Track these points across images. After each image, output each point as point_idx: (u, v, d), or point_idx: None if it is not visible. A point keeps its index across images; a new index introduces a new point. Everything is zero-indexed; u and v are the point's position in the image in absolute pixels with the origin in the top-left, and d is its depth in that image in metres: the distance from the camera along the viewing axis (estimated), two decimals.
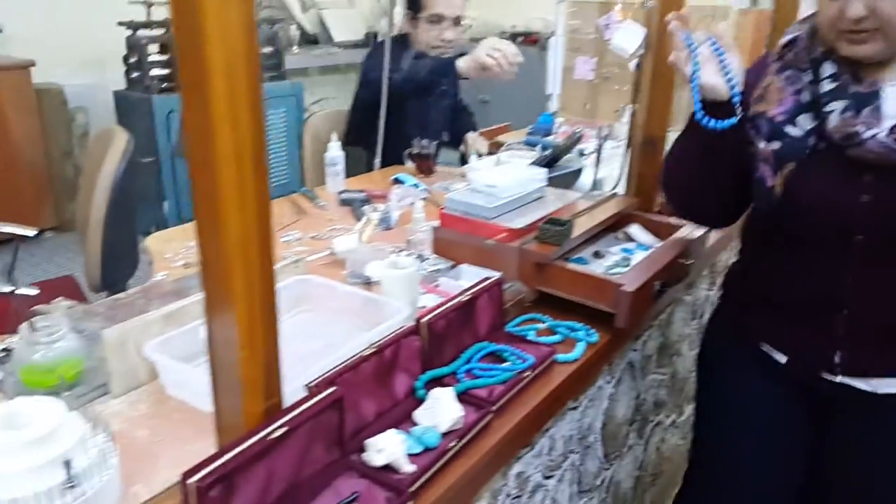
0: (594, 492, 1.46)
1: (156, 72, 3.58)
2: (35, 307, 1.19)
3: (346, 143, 2.10)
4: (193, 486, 0.67)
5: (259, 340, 0.74)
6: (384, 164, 2.24)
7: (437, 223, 1.42)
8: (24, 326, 0.95)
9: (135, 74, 3.63)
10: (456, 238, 1.35)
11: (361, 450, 0.88)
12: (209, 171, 0.65)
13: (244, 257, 0.69)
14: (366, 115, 2.21)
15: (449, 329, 1.05)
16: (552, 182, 1.51)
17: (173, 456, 0.87)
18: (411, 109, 2.19)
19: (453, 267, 1.36)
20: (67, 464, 0.74)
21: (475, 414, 0.96)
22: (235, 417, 0.76)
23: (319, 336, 1.16)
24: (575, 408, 1.25)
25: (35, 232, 2.09)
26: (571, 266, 1.25)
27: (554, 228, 1.27)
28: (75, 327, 0.99)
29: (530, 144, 1.91)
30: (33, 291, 1.63)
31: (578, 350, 1.14)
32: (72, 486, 0.74)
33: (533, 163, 1.69)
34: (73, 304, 1.21)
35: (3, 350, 1.05)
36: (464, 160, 2.45)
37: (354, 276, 1.37)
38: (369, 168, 2.25)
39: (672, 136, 1.45)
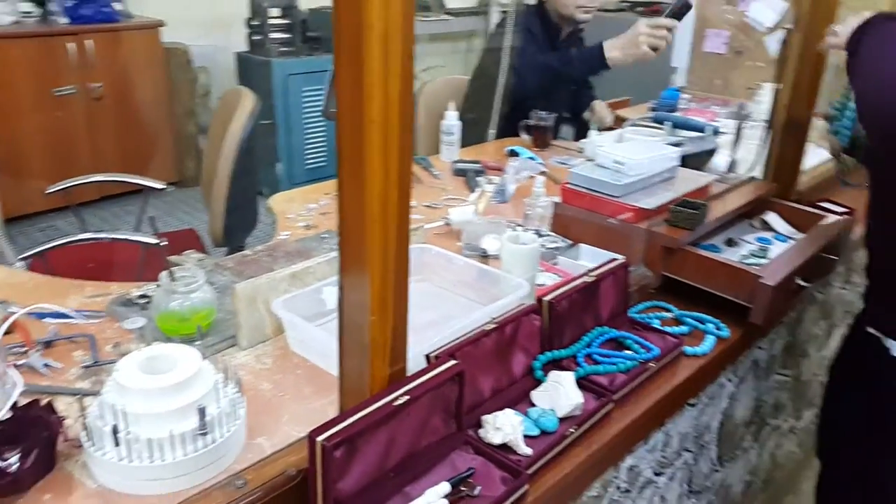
0: (703, 494, 1.41)
1: (276, 35, 3.70)
2: (169, 257, 1.26)
3: (463, 112, 2.09)
4: (320, 445, 0.68)
5: (390, 305, 0.74)
6: (498, 136, 2.21)
7: (556, 199, 1.38)
8: (163, 275, 1.00)
9: (256, 37, 3.76)
10: (578, 215, 1.31)
11: (478, 425, 0.87)
12: (358, 135, 0.65)
13: (383, 222, 0.69)
14: (486, 86, 2.19)
15: (571, 310, 1.02)
16: (683, 162, 1.44)
17: (295, 412, 0.90)
18: (535, 83, 2.14)
19: (572, 246, 1.33)
20: (202, 411, 0.77)
21: (595, 402, 0.94)
22: (360, 380, 0.77)
23: (435, 306, 1.16)
24: (694, 404, 1.20)
25: (164, 185, 2.23)
26: (704, 252, 1.19)
27: (687, 211, 1.20)
28: (207, 279, 1.04)
29: (657, 121, 1.82)
30: (162, 242, 1.74)
31: (708, 344, 1.09)
32: (203, 433, 0.78)
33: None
34: (203, 256, 1.28)
35: (142, 297, 1.12)
36: (580, 135, 2.38)
37: (470, 248, 1.36)
38: (483, 139, 2.22)
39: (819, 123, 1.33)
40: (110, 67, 3.60)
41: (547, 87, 2.12)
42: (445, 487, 0.77)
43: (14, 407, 0.82)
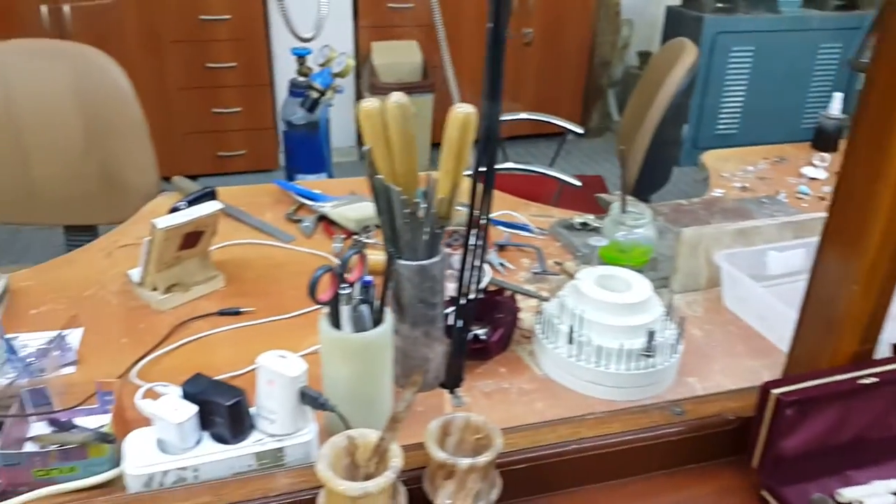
0: None
1: None
2: (598, 195, 1.37)
3: None
4: (775, 397, 0.70)
5: (878, 281, 0.71)
6: None
7: None
8: (615, 206, 1.10)
9: None
10: None
11: None
12: (890, 101, 0.62)
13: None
14: None
15: None
16: None
17: (727, 364, 0.92)
18: None
19: None
20: (651, 334, 0.85)
21: None
22: (819, 351, 0.76)
23: None
24: None
25: (583, 130, 2.39)
26: None
27: None
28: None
29: None
30: (576, 182, 1.88)
31: None
32: (648, 355, 0.85)
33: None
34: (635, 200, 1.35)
35: (583, 224, 1.25)
36: None
37: None
38: None
39: None
40: (545, 14, 3.91)
41: None
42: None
43: (484, 291, 1.00)
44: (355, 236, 1.23)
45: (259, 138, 3.66)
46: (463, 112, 0.77)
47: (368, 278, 0.77)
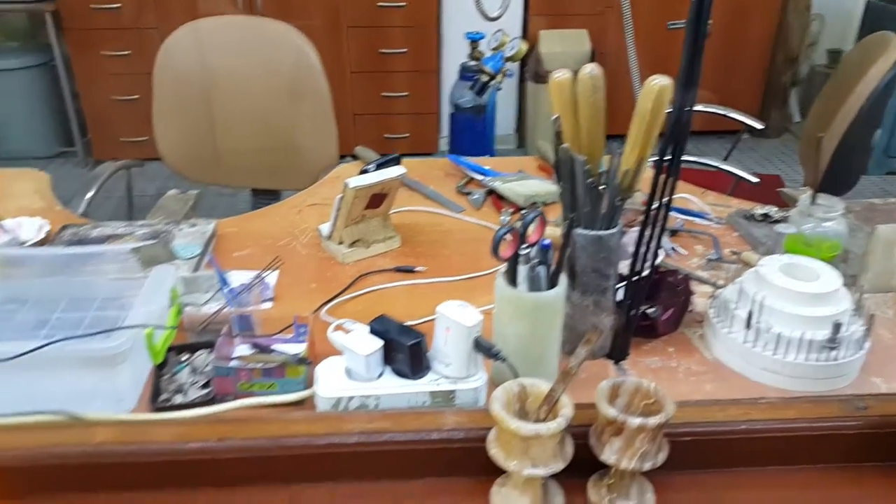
0: None
1: None
2: (781, 189, 1.32)
3: None
4: None
5: None
6: None
7: None
8: (804, 198, 1.07)
9: None
10: None
11: None
12: None
13: None
14: None
15: None
16: None
17: None
18: None
19: None
20: (837, 326, 0.82)
21: None
22: None
23: None
24: None
25: (763, 125, 2.28)
26: None
27: None
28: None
29: None
30: (753, 179, 1.81)
31: None
32: (832, 347, 0.83)
33: None
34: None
35: (764, 215, 1.21)
36: None
37: None
38: None
39: None
40: (728, 4, 3.74)
41: None
42: None
43: (656, 270, 1.01)
44: (523, 211, 1.27)
45: (422, 122, 3.81)
46: (658, 84, 0.79)
47: (547, 241, 0.82)
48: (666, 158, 0.78)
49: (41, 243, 1.14)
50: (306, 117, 1.84)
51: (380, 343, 0.80)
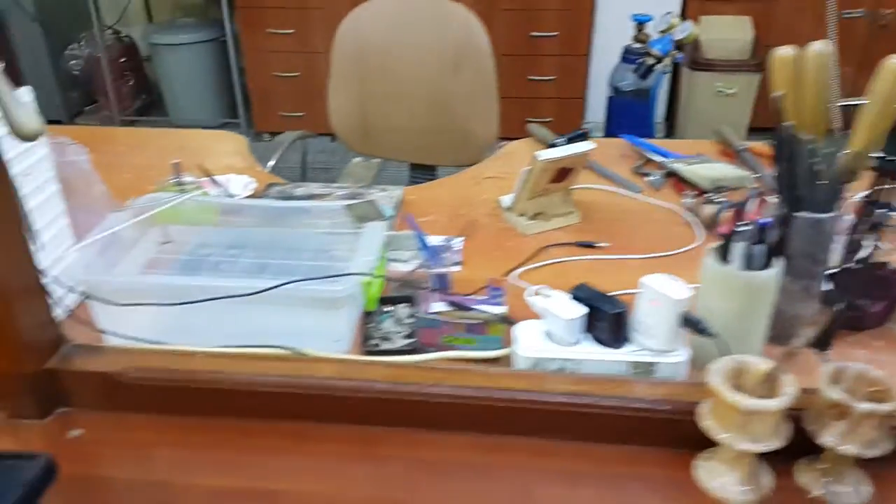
0: None
1: None
2: None
3: None
4: None
5: None
6: None
7: None
8: None
9: None
10: None
11: None
12: None
13: None
14: None
15: None
16: None
17: None
18: None
19: None
20: None
21: None
22: None
23: None
24: None
25: None
26: None
27: None
28: None
29: None
30: None
31: None
32: None
33: None
34: None
35: None
36: None
37: None
38: None
39: None
40: None
41: None
42: None
43: (865, 262, 0.97)
44: (707, 194, 1.25)
45: (567, 107, 3.78)
46: None
47: (766, 220, 0.80)
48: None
49: (249, 199, 1.24)
50: (471, 96, 1.88)
51: (585, 309, 0.81)
